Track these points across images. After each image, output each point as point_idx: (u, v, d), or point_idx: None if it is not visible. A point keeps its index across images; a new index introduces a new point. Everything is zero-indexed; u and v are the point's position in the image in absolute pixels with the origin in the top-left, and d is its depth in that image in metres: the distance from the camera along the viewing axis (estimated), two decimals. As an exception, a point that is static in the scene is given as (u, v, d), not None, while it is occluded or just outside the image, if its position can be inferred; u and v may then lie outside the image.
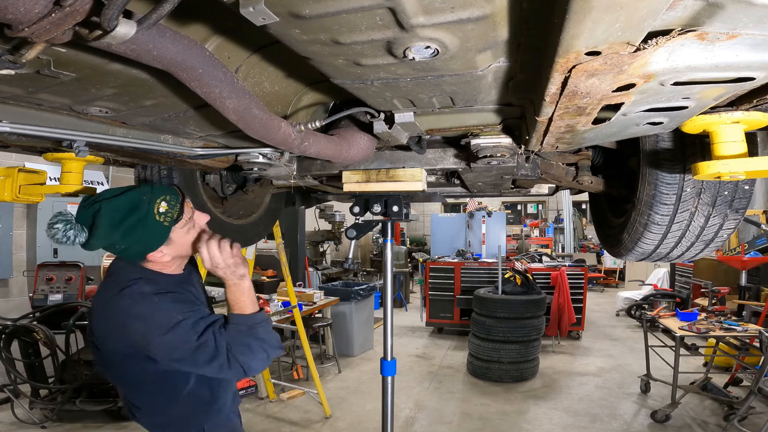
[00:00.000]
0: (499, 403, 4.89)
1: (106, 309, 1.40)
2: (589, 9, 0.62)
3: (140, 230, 1.36)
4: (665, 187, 1.61)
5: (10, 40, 0.82)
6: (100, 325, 1.41)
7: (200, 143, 1.80)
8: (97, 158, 1.72)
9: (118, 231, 1.34)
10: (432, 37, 0.84)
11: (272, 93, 1.42)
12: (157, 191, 1.40)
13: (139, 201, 1.36)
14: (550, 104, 1.02)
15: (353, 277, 9.42)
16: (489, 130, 1.58)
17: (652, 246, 1.80)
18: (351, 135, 1.61)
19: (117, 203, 1.35)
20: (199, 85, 0.93)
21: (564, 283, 6.95)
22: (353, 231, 2.09)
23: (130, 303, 1.34)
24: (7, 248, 5.79)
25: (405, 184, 1.87)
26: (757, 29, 0.72)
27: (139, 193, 1.38)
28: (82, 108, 1.34)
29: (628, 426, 4.35)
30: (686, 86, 0.92)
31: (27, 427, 4.13)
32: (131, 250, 1.40)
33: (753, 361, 4.85)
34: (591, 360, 6.35)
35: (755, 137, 1.43)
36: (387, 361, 2.07)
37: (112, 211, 1.34)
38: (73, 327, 4.14)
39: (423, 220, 16.42)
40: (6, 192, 1.69)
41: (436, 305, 7.62)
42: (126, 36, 0.66)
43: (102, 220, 1.33)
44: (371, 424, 4.37)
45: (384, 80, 1.08)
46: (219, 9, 0.78)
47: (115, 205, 1.35)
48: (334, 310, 6.35)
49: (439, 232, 11.32)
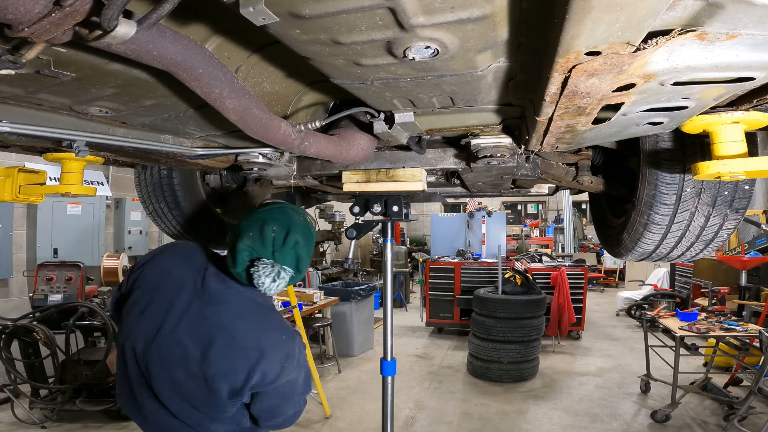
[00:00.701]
0: (499, 403, 4.89)
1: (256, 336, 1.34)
2: (589, 9, 0.62)
3: (313, 246, 1.41)
4: (665, 187, 1.61)
5: (10, 40, 0.82)
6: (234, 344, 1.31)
7: (200, 143, 1.80)
8: (97, 158, 1.72)
9: (310, 256, 1.38)
10: (432, 37, 0.84)
11: (272, 93, 1.42)
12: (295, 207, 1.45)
13: (303, 222, 1.40)
14: (550, 104, 1.02)
15: (353, 277, 9.42)
16: (489, 130, 1.58)
17: (652, 246, 1.80)
18: (351, 135, 1.61)
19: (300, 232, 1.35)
20: (199, 85, 0.93)
21: (564, 283, 6.95)
22: (353, 231, 2.09)
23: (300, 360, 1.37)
24: (7, 248, 5.79)
25: (405, 184, 1.87)
26: (757, 29, 0.72)
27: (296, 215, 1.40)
28: (82, 108, 1.34)
29: (628, 426, 4.35)
30: (686, 86, 0.92)
31: (27, 427, 4.13)
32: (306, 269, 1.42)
33: (753, 361, 4.85)
34: (591, 360, 6.35)
35: (755, 137, 1.43)
36: (387, 361, 2.07)
37: (306, 242, 1.37)
38: (73, 327, 4.14)
39: (423, 220, 16.42)
40: (6, 192, 1.69)
41: (436, 305, 7.62)
42: (126, 36, 0.66)
43: (302, 251, 1.35)
44: (371, 424, 4.37)
45: (384, 80, 1.08)
46: (219, 9, 0.78)
47: (301, 233, 1.36)
48: (334, 310, 6.35)
49: (439, 232, 11.32)
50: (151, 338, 1.33)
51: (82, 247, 6.48)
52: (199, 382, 1.30)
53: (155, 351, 1.33)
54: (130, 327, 1.39)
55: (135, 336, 1.36)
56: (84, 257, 5.70)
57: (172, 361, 1.31)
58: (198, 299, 1.35)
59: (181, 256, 1.48)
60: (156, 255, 1.52)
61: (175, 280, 1.40)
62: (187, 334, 1.31)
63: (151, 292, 1.40)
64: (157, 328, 1.33)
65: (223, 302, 1.35)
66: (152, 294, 1.39)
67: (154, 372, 1.33)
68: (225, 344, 1.29)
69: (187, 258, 1.46)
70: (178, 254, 1.49)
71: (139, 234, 7.51)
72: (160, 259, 1.49)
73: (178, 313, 1.34)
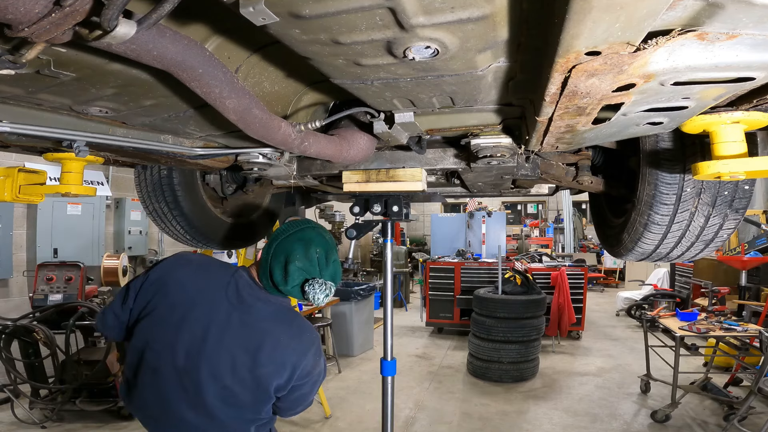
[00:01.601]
0: (499, 403, 4.89)
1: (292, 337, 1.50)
2: (589, 9, 0.62)
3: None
4: (665, 187, 1.61)
5: (10, 40, 0.82)
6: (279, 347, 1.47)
7: (200, 143, 1.80)
8: (97, 158, 1.72)
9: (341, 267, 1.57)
10: (432, 37, 0.84)
11: (272, 93, 1.42)
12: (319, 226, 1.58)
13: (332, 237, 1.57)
14: (550, 104, 1.02)
15: (353, 277, 9.42)
16: (489, 130, 1.58)
17: (652, 246, 1.80)
18: (351, 135, 1.61)
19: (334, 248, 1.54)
20: (199, 85, 0.93)
21: (564, 283, 6.95)
22: (353, 231, 2.09)
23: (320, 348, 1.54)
24: (7, 248, 5.79)
25: (405, 184, 1.87)
26: (757, 29, 0.72)
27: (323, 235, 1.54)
28: (82, 108, 1.34)
29: (628, 426, 4.35)
30: (686, 86, 0.92)
31: (27, 427, 4.13)
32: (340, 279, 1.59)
33: (753, 361, 4.85)
34: (591, 360, 6.35)
35: (755, 137, 1.43)
36: (387, 361, 2.07)
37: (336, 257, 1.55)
38: (73, 327, 4.14)
39: (423, 220, 16.42)
40: (6, 192, 1.69)
41: (436, 305, 7.62)
42: (126, 36, 0.66)
43: (338, 267, 1.54)
44: (371, 424, 4.37)
45: (384, 80, 1.08)
46: (219, 9, 0.78)
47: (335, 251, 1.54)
48: (334, 310, 6.35)
49: (439, 232, 11.32)
50: (195, 351, 1.41)
51: (82, 247, 6.48)
52: (247, 385, 1.42)
53: (204, 362, 1.41)
54: (162, 343, 1.43)
55: (175, 351, 1.42)
56: (84, 257, 5.69)
57: (223, 370, 1.41)
58: (236, 310, 1.46)
59: (200, 269, 1.56)
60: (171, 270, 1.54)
61: (207, 294, 1.49)
62: (235, 342, 1.43)
63: (182, 307, 1.45)
64: (201, 340, 1.42)
65: (258, 310, 1.49)
66: (185, 308, 1.45)
67: (204, 383, 1.40)
68: (272, 348, 1.44)
69: (207, 270, 1.56)
70: (194, 267, 1.56)
71: (139, 234, 7.50)
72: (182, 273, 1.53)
73: (221, 325, 1.44)
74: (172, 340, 1.42)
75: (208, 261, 1.62)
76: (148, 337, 1.45)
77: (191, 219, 2.45)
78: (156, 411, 1.46)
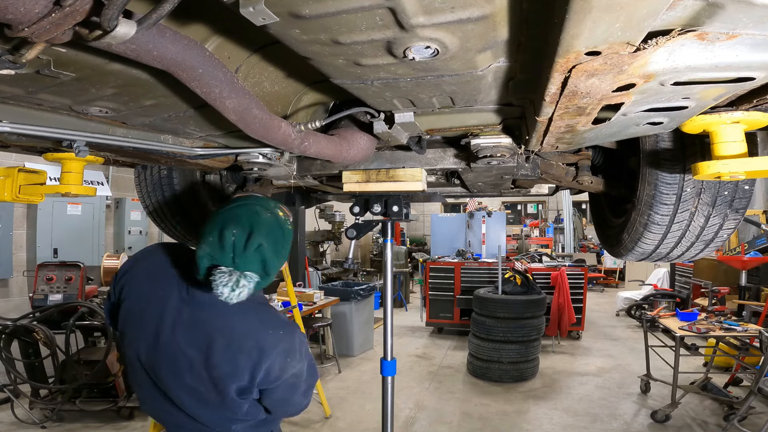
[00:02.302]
0: (499, 403, 4.89)
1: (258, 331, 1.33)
2: (589, 9, 0.62)
3: (288, 244, 1.34)
4: (665, 187, 1.61)
5: (10, 40, 0.82)
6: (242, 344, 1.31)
7: (200, 143, 1.80)
8: (97, 158, 1.72)
9: (281, 255, 1.30)
10: (432, 37, 0.84)
11: (272, 93, 1.42)
12: (263, 202, 1.35)
13: (271, 218, 1.31)
14: (550, 104, 1.02)
15: (353, 277, 9.42)
16: (489, 130, 1.58)
17: (652, 246, 1.80)
18: (351, 135, 1.61)
19: (264, 232, 1.26)
20: (199, 85, 0.93)
21: (564, 283, 6.95)
22: (353, 231, 2.09)
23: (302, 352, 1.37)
24: (7, 248, 5.79)
25: (405, 184, 1.87)
26: (757, 29, 0.72)
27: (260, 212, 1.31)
28: (82, 108, 1.34)
29: (628, 426, 4.35)
30: (686, 86, 0.92)
31: (27, 427, 4.13)
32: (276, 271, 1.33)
33: (753, 361, 4.85)
34: (591, 360, 6.35)
35: (755, 137, 1.43)
36: (387, 361, 2.07)
37: (273, 242, 1.28)
38: (73, 327, 4.14)
39: (423, 220, 16.42)
40: (6, 192, 1.69)
41: (436, 305, 7.62)
42: (126, 36, 0.66)
43: (268, 253, 1.26)
44: (371, 424, 4.37)
45: (384, 80, 1.08)
46: (219, 9, 0.78)
47: (265, 234, 1.26)
48: (334, 310, 6.35)
49: (439, 232, 11.33)
50: (152, 348, 1.33)
51: (82, 247, 6.48)
52: (209, 385, 1.30)
53: (162, 360, 1.32)
54: (130, 336, 1.39)
55: (137, 345, 1.36)
56: (84, 257, 5.70)
57: (181, 369, 1.30)
58: (187, 306, 1.33)
59: (162, 261, 1.44)
60: (137, 261, 1.49)
61: (160, 288, 1.37)
62: (185, 340, 1.30)
63: (141, 302, 1.38)
64: (154, 338, 1.32)
65: (212, 304, 1.31)
66: (142, 303, 1.37)
67: (166, 380, 1.33)
68: (224, 346, 1.29)
69: (168, 263, 1.42)
70: (158, 259, 1.45)
71: (139, 234, 7.51)
72: (143, 266, 1.46)
73: (171, 321, 1.32)
74: (138, 334, 1.35)
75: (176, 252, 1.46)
76: (123, 330, 1.41)
77: (191, 219, 2.46)
78: (149, 407, 1.45)
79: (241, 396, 1.31)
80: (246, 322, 1.33)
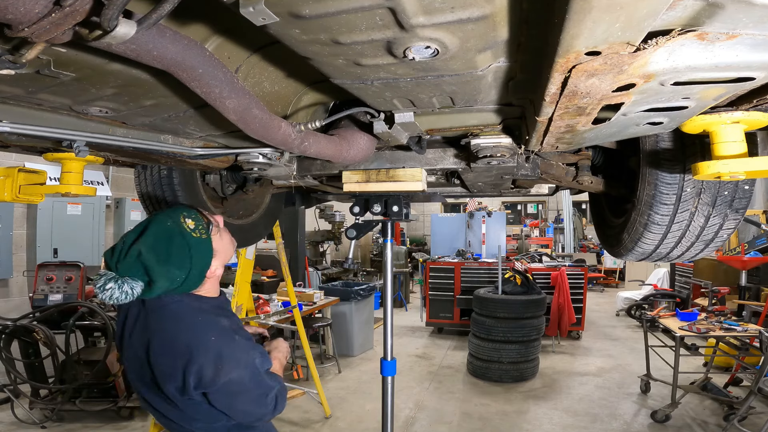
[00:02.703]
0: (499, 403, 4.89)
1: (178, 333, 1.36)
2: (589, 9, 0.62)
3: (189, 252, 1.37)
4: (665, 187, 1.61)
5: (10, 40, 0.82)
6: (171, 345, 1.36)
7: (200, 143, 1.80)
8: (97, 158, 1.71)
9: (172, 263, 1.33)
10: (432, 37, 0.84)
11: (272, 93, 1.42)
12: (174, 212, 1.41)
13: (168, 227, 1.36)
14: (550, 104, 1.02)
15: (353, 277, 9.42)
16: (489, 130, 1.58)
17: (652, 246, 1.80)
18: (351, 135, 1.61)
19: (150, 239, 1.33)
20: (199, 85, 0.93)
21: (564, 283, 6.95)
22: (353, 231, 2.09)
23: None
24: (7, 248, 5.79)
25: (405, 184, 1.87)
26: (757, 29, 0.72)
27: (161, 222, 1.37)
28: (82, 108, 1.34)
29: (628, 426, 4.35)
30: (686, 86, 0.92)
31: (27, 427, 4.13)
32: (191, 277, 1.38)
33: (753, 361, 4.85)
34: (591, 360, 6.35)
35: (755, 137, 1.43)
36: (387, 361, 2.07)
37: (152, 249, 1.32)
38: (73, 327, 4.14)
39: (423, 220, 16.42)
40: (6, 192, 1.69)
41: (436, 305, 7.62)
42: (126, 36, 0.66)
43: (149, 260, 1.30)
44: (371, 424, 4.37)
45: (384, 80, 1.08)
46: (219, 9, 0.78)
47: (150, 242, 1.32)
48: (334, 310, 6.35)
49: (439, 232, 11.33)
50: (123, 349, 1.46)
51: (82, 247, 6.48)
52: (155, 384, 1.38)
53: (126, 360, 1.44)
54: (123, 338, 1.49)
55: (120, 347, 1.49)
56: (84, 257, 5.70)
57: (138, 367, 1.39)
58: (143, 309, 1.41)
59: None
60: None
61: None
62: (137, 341, 1.39)
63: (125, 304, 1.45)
64: (120, 339, 1.46)
65: (159, 308, 1.39)
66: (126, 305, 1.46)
67: (132, 379, 1.44)
68: (159, 346, 1.35)
69: None
70: None
71: (139, 234, 7.50)
72: None
73: (131, 323, 1.42)
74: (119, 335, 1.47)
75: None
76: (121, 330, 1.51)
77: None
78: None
79: (183, 396, 1.33)
80: (180, 325, 1.37)
